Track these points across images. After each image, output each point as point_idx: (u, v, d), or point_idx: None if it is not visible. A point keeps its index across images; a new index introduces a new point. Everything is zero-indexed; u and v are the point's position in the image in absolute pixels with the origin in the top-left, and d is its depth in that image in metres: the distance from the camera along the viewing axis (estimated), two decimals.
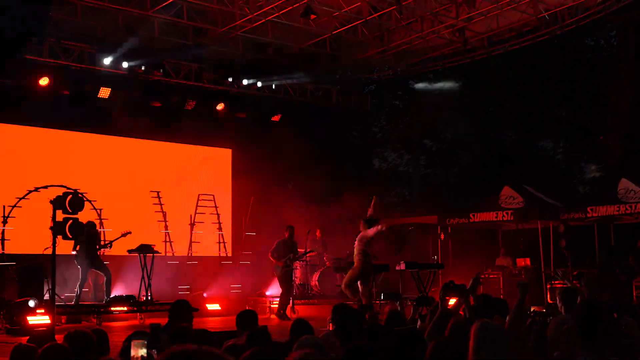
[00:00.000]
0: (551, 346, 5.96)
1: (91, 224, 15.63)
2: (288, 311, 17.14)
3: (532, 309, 8.01)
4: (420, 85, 29.71)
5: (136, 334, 5.50)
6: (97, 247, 15.92)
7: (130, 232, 16.17)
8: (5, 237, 17.00)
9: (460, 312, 7.81)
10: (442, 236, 21.40)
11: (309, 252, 18.35)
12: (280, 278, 17.31)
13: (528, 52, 23.41)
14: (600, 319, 4.86)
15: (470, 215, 20.41)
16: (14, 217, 16.99)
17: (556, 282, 18.29)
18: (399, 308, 9.48)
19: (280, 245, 17.36)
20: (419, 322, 8.44)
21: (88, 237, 15.23)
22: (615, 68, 27.14)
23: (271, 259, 17.38)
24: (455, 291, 7.86)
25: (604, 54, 30.87)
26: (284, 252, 17.28)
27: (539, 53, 26.53)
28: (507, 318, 6.76)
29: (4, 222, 16.97)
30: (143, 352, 4.93)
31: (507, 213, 19.71)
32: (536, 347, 6.60)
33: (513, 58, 24.74)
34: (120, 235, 16.10)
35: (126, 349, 5.77)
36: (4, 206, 17.00)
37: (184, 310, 7.93)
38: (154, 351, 5.34)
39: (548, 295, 18.35)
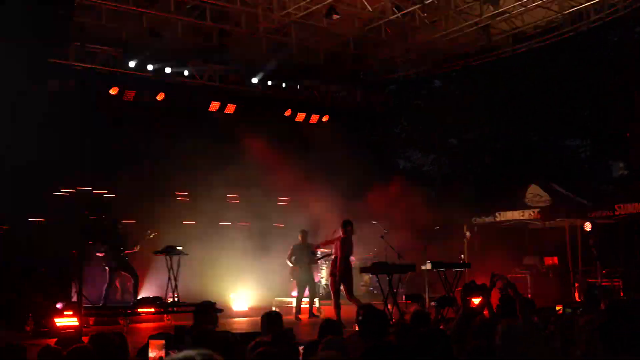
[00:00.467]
0: (577, 345, 5.91)
1: (115, 223, 15.79)
2: (314, 310, 17.21)
3: (557, 308, 7.96)
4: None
5: (155, 335, 5.53)
6: (123, 248, 15.99)
7: (157, 232, 16.22)
8: (34, 240, 17.09)
9: (485, 312, 7.78)
10: (469, 235, 21.30)
11: (323, 256, 18.39)
12: (299, 282, 17.39)
13: (552, 49, 23.23)
14: (623, 319, 4.80)
15: (497, 214, 20.31)
16: (42, 220, 17.13)
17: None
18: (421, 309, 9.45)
19: (295, 250, 17.43)
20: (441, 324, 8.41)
21: (114, 238, 15.34)
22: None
23: (289, 262, 17.44)
24: (476, 291, 7.82)
25: (628, 51, 30.54)
26: (300, 256, 17.34)
27: (563, 50, 26.31)
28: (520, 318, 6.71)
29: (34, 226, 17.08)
30: (162, 352, 4.95)
31: (533, 211, 19.60)
32: (562, 346, 6.56)
33: (537, 55, 24.55)
34: (146, 235, 16.15)
35: (142, 350, 5.81)
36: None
37: (208, 312, 7.95)
38: (175, 351, 5.37)
39: (576, 294, 18.24)
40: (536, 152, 30.39)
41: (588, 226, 18.43)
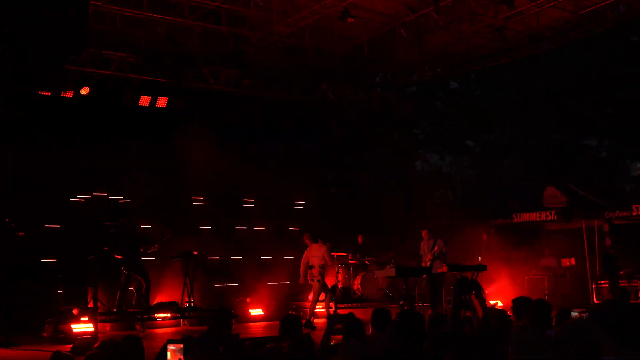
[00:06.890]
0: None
1: (143, 234, 15.89)
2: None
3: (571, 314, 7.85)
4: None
5: (171, 341, 5.53)
6: (142, 250, 15.98)
7: (170, 236, 16.20)
8: (48, 245, 17.09)
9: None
10: (486, 237, 21.20)
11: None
12: None
13: (570, 49, 23.11)
14: (624, 320, 4.67)
15: (514, 215, 20.23)
16: (58, 226, 17.15)
17: (602, 282, 18.09)
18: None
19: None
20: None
21: (132, 242, 15.41)
22: None
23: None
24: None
25: None
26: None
27: (582, 50, 26.19)
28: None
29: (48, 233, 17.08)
30: (180, 356, 4.96)
31: (550, 213, 19.50)
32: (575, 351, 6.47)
33: (555, 56, 24.45)
34: (164, 236, 16.15)
35: (160, 354, 5.79)
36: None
37: (223, 317, 7.96)
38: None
39: (594, 296, 18.14)
40: (555, 153, 30.28)
41: (605, 227, 18.31)
